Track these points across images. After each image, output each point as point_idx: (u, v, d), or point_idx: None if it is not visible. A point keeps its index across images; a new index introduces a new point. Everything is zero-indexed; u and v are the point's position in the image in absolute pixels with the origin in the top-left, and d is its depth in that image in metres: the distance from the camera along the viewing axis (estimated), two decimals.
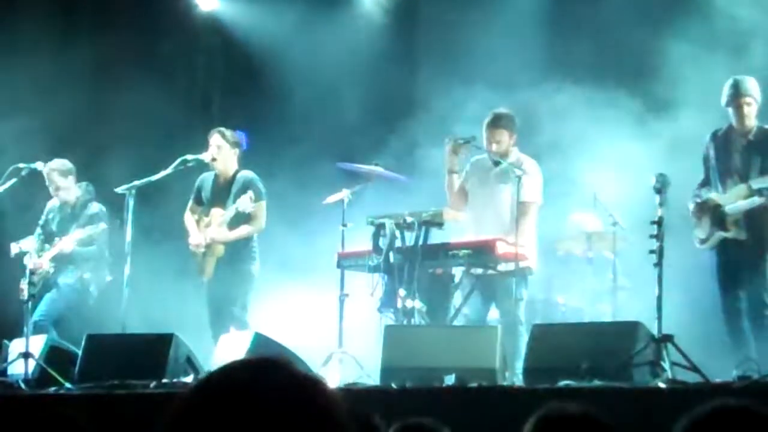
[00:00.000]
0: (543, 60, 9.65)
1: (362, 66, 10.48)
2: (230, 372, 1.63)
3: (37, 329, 8.76)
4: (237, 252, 8.80)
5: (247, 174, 8.95)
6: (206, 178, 9.12)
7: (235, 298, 8.77)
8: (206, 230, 8.87)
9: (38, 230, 9.60)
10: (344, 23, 10.86)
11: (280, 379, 1.60)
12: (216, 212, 8.88)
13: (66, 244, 9.29)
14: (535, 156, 8.35)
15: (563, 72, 9.31)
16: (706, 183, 7.86)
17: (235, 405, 1.55)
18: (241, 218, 8.77)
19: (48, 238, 9.50)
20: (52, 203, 9.66)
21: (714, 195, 7.72)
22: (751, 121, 7.69)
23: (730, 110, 7.71)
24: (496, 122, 8.13)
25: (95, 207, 9.53)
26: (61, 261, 9.35)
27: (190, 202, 9.13)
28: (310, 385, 1.61)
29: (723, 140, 7.79)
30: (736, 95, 7.64)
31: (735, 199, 7.61)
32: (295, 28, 10.77)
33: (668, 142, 8.69)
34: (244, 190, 8.77)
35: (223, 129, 9.06)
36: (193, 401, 1.59)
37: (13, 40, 10.25)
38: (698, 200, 7.79)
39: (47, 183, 9.51)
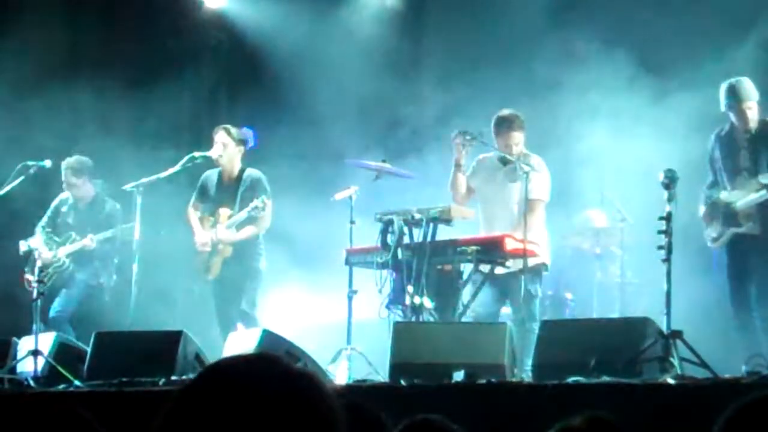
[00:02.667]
0: (548, 56, 9.62)
1: (369, 62, 10.46)
2: (223, 368, 1.66)
3: (53, 324, 8.79)
4: (244, 250, 8.78)
5: (253, 173, 8.91)
6: (211, 176, 9.06)
7: (243, 296, 8.76)
8: (213, 230, 8.85)
9: (41, 221, 9.58)
10: (351, 20, 10.86)
11: (273, 374, 1.62)
12: (223, 212, 8.84)
13: (89, 241, 9.30)
14: (544, 152, 8.33)
15: (570, 67, 9.29)
16: (714, 184, 7.86)
17: (226, 400, 1.58)
18: (247, 219, 8.74)
19: (58, 230, 9.49)
20: (65, 196, 9.65)
21: (723, 194, 7.71)
22: (755, 122, 7.69)
23: (732, 115, 7.71)
24: (511, 125, 8.06)
25: (112, 205, 9.54)
26: (81, 257, 9.37)
27: (193, 199, 9.08)
28: (303, 379, 1.63)
29: (727, 139, 7.80)
30: (738, 101, 7.63)
31: (745, 194, 7.60)
32: (301, 24, 10.77)
33: (678, 136, 8.67)
34: (251, 189, 8.74)
35: (228, 126, 9.02)
36: (186, 397, 1.61)
37: (18, 36, 10.25)
38: (709, 201, 7.79)
39: (63, 178, 9.51)
